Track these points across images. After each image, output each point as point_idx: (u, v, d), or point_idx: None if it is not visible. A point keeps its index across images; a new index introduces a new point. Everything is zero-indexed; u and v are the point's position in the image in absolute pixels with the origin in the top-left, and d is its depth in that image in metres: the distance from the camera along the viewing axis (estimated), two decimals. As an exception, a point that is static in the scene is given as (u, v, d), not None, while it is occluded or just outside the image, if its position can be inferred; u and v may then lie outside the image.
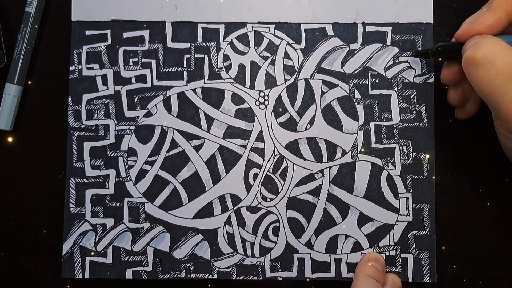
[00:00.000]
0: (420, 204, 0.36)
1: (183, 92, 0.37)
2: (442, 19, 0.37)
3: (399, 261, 0.36)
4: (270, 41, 0.37)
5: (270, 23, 0.37)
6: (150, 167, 0.37)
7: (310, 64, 0.37)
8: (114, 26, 0.37)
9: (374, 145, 0.37)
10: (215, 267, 0.36)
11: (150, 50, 0.37)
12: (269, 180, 0.37)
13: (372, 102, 0.37)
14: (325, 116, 0.37)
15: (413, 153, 0.37)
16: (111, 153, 0.37)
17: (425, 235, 0.36)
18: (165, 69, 0.37)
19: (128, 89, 0.37)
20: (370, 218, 0.36)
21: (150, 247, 0.36)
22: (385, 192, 0.36)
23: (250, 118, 0.37)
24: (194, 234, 0.36)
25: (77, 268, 0.36)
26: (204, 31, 0.37)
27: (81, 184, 0.37)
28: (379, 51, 0.37)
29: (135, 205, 0.36)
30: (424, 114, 0.37)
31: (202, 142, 0.37)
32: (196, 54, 0.37)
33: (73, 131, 0.37)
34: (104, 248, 0.36)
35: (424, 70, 0.37)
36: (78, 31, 0.37)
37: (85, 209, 0.37)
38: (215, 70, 0.37)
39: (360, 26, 0.37)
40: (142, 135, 0.37)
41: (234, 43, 0.37)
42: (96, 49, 0.37)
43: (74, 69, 0.37)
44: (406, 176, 0.36)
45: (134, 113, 0.37)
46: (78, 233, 0.36)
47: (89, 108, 0.37)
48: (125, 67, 0.37)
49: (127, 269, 0.36)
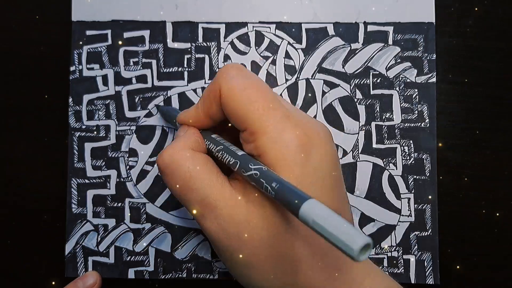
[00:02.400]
0: (422, 205, 0.36)
1: (183, 92, 0.37)
2: (443, 19, 0.37)
3: (401, 263, 0.36)
4: (271, 41, 0.37)
5: (271, 22, 0.37)
6: (151, 167, 0.37)
7: (311, 64, 0.37)
8: (115, 26, 0.37)
9: (375, 145, 0.36)
10: (217, 268, 0.36)
11: (150, 50, 0.37)
12: (270, 181, 0.36)
13: (373, 102, 0.37)
14: (326, 116, 0.37)
15: (414, 153, 0.36)
16: (112, 154, 0.37)
17: (427, 236, 0.36)
18: (166, 69, 0.37)
19: (128, 90, 0.37)
20: (371, 218, 0.36)
21: (151, 247, 0.36)
22: (386, 192, 0.36)
23: (251, 118, 0.37)
24: (195, 234, 0.36)
25: (80, 268, 0.36)
26: (205, 31, 0.37)
27: (82, 184, 0.37)
28: (381, 51, 0.37)
29: (136, 206, 0.37)
30: (426, 114, 0.36)
31: (203, 143, 0.37)
32: (196, 54, 0.37)
33: (74, 131, 0.37)
34: (106, 248, 0.36)
35: (426, 70, 0.36)
36: (78, 31, 0.37)
37: (87, 210, 0.37)
38: (216, 70, 0.37)
39: (362, 26, 0.37)
40: (143, 135, 0.37)
41: (234, 43, 0.37)
42: (96, 49, 0.37)
43: (74, 70, 0.37)
44: (407, 177, 0.36)
45: (135, 113, 0.37)
46: (80, 233, 0.37)
47: (90, 109, 0.37)
48: (126, 67, 0.37)
49: (129, 269, 0.36)
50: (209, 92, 0.28)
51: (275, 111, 0.26)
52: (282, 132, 0.26)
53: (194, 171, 0.27)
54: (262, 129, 0.26)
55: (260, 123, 0.26)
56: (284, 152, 0.26)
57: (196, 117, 0.30)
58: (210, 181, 0.27)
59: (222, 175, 0.28)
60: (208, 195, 0.27)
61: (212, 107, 0.28)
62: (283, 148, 0.26)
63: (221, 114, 0.28)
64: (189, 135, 0.29)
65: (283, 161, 0.26)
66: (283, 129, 0.26)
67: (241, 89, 0.27)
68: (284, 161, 0.26)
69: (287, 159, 0.26)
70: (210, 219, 0.27)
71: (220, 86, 0.27)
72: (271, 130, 0.26)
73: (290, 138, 0.26)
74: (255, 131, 0.26)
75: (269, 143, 0.26)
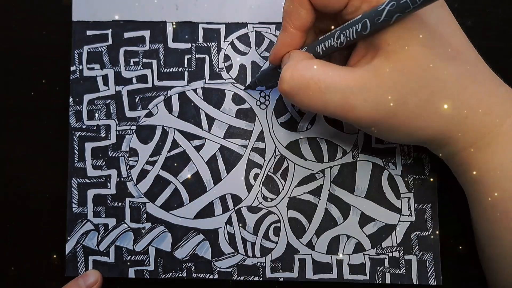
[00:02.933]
0: (423, 204, 0.36)
1: (184, 92, 0.37)
2: (444, 18, 0.37)
3: (403, 263, 0.36)
4: (271, 41, 0.37)
5: (271, 23, 0.37)
6: (151, 167, 0.37)
7: (311, 63, 0.37)
8: (115, 26, 0.37)
9: (374, 145, 0.36)
10: (216, 267, 0.36)
11: (151, 50, 0.37)
12: (270, 180, 0.36)
13: (373, 102, 0.37)
14: (326, 116, 0.37)
15: (413, 152, 0.36)
16: (113, 153, 0.37)
17: (428, 235, 0.36)
18: (166, 69, 0.37)
19: (129, 89, 0.37)
20: (371, 218, 0.36)
21: (151, 246, 0.36)
22: (386, 192, 0.36)
23: (251, 118, 0.37)
24: (195, 234, 0.36)
25: (81, 267, 0.36)
26: (205, 31, 0.37)
27: (82, 184, 0.37)
28: (380, 51, 0.37)
29: (137, 205, 0.37)
30: (425, 114, 0.36)
31: (203, 142, 0.37)
32: (197, 54, 0.37)
33: (74, 131, 0.37)
34: (106, 248, 0.37)
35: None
36: (79, 31, 0.37)
37: (87, 209, 0.37)
38: (216, 70, 0.37)
39: (361, 26, 0.37)
40: (143, 135, 0.37)
41: (235, 43, 0.37)
42: (97, 49, 0.37)
43: (75, 69, 0.37)
44: (407, 176, 0.36)
45: (135, 113, 0.37)
46: (80, 233, 0.37)
47: (90, 109, 0.37)
48: (126, 67, 0.37)
49: (129, 268, 0.36)
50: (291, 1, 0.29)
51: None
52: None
53: (318, 74, 0.27)
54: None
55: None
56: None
57: (288, 37, 0.30)
58: (337, 73, 0.27)
59: (342, 67, 0.28)
60: (345, 87, 0.27)
61: (301, 13, 0.29)
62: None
63: (310, 17, 0.29)
64: (293, 56, 0.30)
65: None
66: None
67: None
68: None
69: None
70: (360, 102, 0.27)
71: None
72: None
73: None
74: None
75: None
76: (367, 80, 0.27)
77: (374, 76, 0.27)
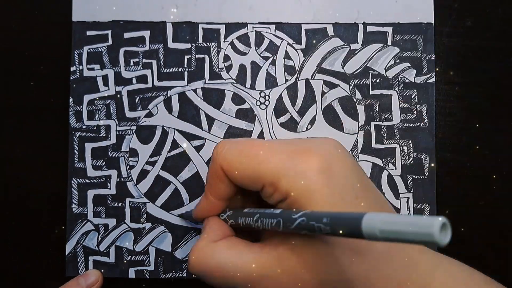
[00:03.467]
0: (421, 204, 0.36)
1: (183, 92, 0.37)
2: (443, 19, 0.37)
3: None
4: (271, 41, 0.37)
5: (271, 23, 0.37)
6: (151, 167, 0.37)
7: (311, 64, 0.37)
8: (115, 27, 0.37)
9: (374, 145, 0.37)
10: (216, 267, 0.36)
11: (151, 50, 0.37)
12: (270, 180, 0.36)
13: (372, 102, 0.37)
14: (326, 116, 0.37)
15: (413, 153, 0.36)
16: (113, 154, 0.37)
17: (426, 235, 0.36)
18: (166, 69, 0.37)
19: (129, 90, 0.37)
20: (371, 218, 0.36)
21: (152, 247, 0.37)
22: (386, 192, 0.36)
23: (251, 118, 0.37)
24: (195, 234, 0.36)
25: (81, 267, 0.36)
26: (205, 32, 0.37)
27: (83, 184, 0.37)
28: (380, 51, 0.37)
29: (137, 206, 0.37)
30: (424, 114, 0.36)
31: (203, 143, 0.37)
32: (196, 54, 0.37)
33: (74, 131, 0.37)
34: (106, 248, 0.37)
35: (425, 70, 0.37)
36: (78, 32, 0.37)
37: (87, 209, 0.37)
38: (215, 70, 0.37)
39: (361, 26, 0.37)
40: (143, 135, 0.37)
41: (234, 44, 0.37)
42: (97, 49, 0.37)
43: (75, 70, 0.37)
44: (406, 176, 0.36)
45: (135, 113, 0.37)
46: (81, 233, 0.37)
47: (90, 109, 0.37)
48: (126, 68, 0.37)
49: (129, 268, 0.36)
50: (212, 174, 0.29)
51: (280, 154, 0.27)
52: (295, 166, 0.26)
53: (222, 262, 0.28)
54: (277, 175, 0.26)
55: (272, 173, 0.27)
56: (305, 180, 0.26)
57: (208, 205, 0.31)
58: (241, 260, 0.27)
59: (250, 247, 0.28)
60: (249, 272, 0.27)
61: (220, 187, 0.29)
62: (303, 178, 0.26)
63: (230, 190, 0.29)
64: (207, 230, 0.30)
65: (308, 188, 0.26)
66: (295, 163, 0.26)
67: (241, 155, 0.28)
68: (308, 187, 0.26)
69: (310, 185, 0.26)
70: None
71: (221, 164, 0.28)
72: (285, 170, 0.26)
73: (306, 167, 0.26)
74: (272, 182, 0.27)
75: (289, 182, 0.26)
76: (269, 270, 0.27)
77: (278, 266, 0.27)
